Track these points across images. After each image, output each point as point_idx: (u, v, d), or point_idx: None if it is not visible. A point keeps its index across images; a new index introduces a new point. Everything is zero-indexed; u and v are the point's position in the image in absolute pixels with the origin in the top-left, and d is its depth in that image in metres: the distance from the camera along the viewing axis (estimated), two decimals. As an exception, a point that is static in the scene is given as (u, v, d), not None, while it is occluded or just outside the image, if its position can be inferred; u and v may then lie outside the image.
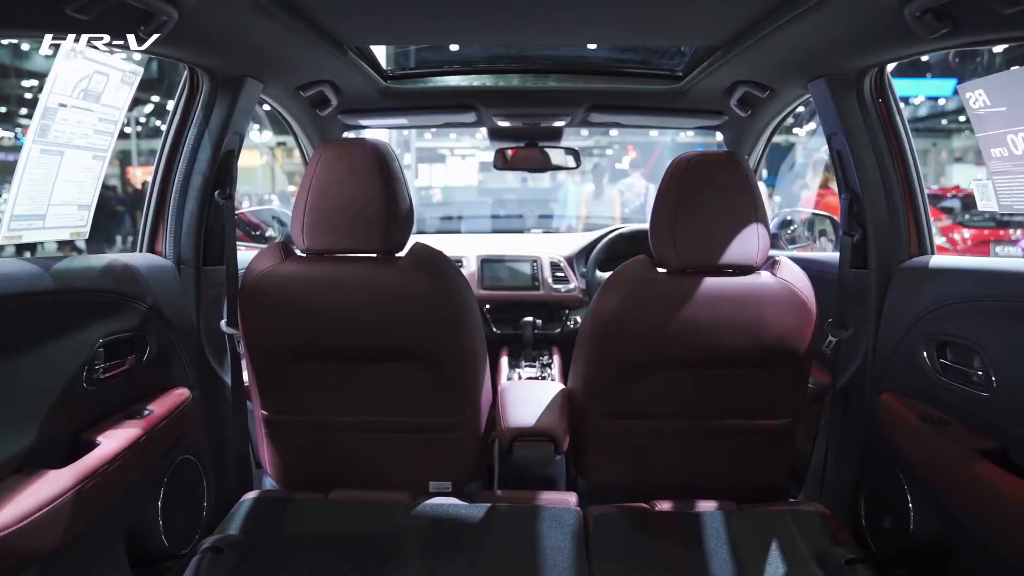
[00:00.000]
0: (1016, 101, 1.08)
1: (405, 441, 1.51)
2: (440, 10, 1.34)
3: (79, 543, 1.07)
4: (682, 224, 1.33)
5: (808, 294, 1.35)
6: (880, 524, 1.43)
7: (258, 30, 1.29)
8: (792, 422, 1.48)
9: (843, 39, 1.31)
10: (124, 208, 10.55)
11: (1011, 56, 6.74)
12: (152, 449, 1.28)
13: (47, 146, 1.07)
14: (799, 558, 1.26)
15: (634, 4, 1.27)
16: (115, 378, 1.25)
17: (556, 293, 2.46)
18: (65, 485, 1.03)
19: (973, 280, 1.26)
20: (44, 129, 1.05)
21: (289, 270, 1.34)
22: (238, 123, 1.51)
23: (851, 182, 1.51)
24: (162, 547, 1.33)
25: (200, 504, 1.50)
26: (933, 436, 1.25)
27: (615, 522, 1.38)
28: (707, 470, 1.53)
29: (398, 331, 1.38)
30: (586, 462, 1.59)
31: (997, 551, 1.09)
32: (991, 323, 1.19)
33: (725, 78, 1.75)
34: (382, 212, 1.31)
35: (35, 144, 1.05)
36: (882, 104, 1.47)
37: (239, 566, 1.23)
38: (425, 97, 1.97)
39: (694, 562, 1.27)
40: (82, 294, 1.19)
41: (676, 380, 1.43)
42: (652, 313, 1.36)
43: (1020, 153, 1.10)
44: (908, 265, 1.47)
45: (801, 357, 1.38)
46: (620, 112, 2.09)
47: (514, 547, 1.30)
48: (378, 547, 1.30)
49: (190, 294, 1.51)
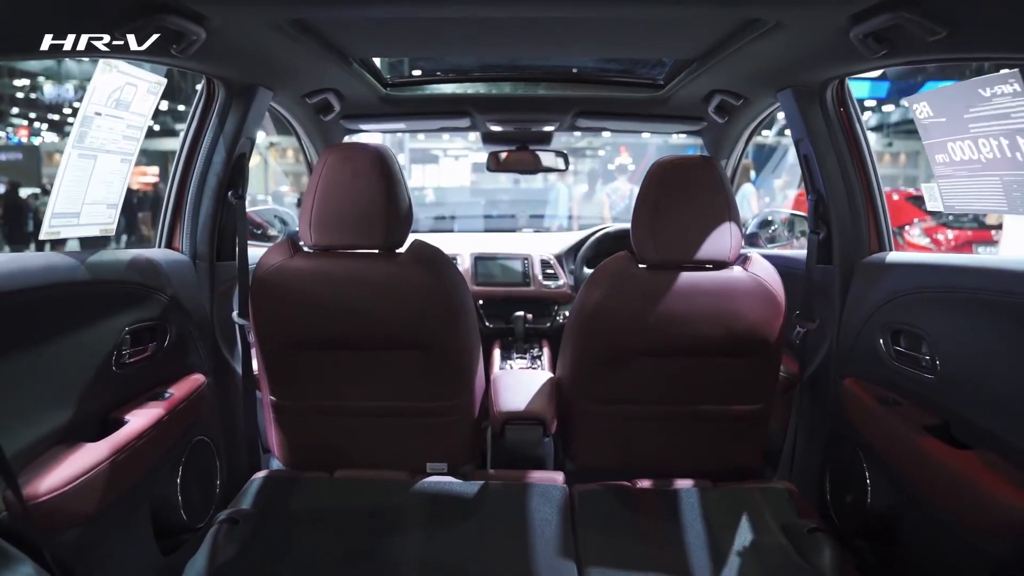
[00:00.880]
0: (954, 113, 1.20)
1: (404, 425, 1.60)
2: (438, 27, 1.44)
3: (111, 511, 1.18)
4: (660, 223, 1.43)
5: (777, 287, 1.46)
6: (843, 500, 1.54)
7: (273, 45, 1.40)
8: (764, 408, 1.59)
9: (803, 55, 1.44)
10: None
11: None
12: (172, 429, 1.38)
13: (84, 151, 1.18)
14: (766, 529, 1.38)
15: (617, 21, 1.39)
16: (139, 363, 1.36)
17: (546, 289, 2.56)
18: (101, 456, 1.13)
19: (921, 273, 1.38)
20: (82, 136, 1.16)
21: (297, 265, 1.44)
22: (250, 128, 1.62)
23: (817, 184, 1.64)
24: (180, 521, 1.42)
25: (213, 483, 1.60)
26: (886, 416, 1.36)
27: (599, 498, 1.49)
28: (686, 453, 1.63)
29: (398, 322, 1.48)
30: (573, 445, 1.70)
31: (940, 517, 1.20)
32: (936, 312, 1.31)
33: (703, 87, 1.86)
34: (383, 211, 1.41)
35: (74, 149, 1.16)
36: (843, 113, 1.59)
37: (253, 536, 1.33)
38: (422, 103, 2.08)
39: (671, 532, 1.38)
40: (112, 285, 1.30)
41: (656, 368, 1.53)
42: (633, 305, 1.47)
43: (959, 159, 1.23)
44: (868, 261, 1.58)
45: (771, 346, 1.49)
46: (606, 118, 2.20)
47: (506, 520, 1.40)
48: (380, 520, 1.40)
49: (205, 287, 1.62)
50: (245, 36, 1.31)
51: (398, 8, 1.22)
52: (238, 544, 1.31)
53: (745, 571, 1.28)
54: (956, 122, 1.20)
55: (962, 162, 1.22)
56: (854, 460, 1.49)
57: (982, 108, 1.12)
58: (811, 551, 1.30)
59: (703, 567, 1.29)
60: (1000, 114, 1.08)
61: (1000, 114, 1.08)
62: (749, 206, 6.30)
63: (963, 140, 1.19)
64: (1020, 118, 1.04)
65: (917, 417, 1.30)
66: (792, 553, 1.31)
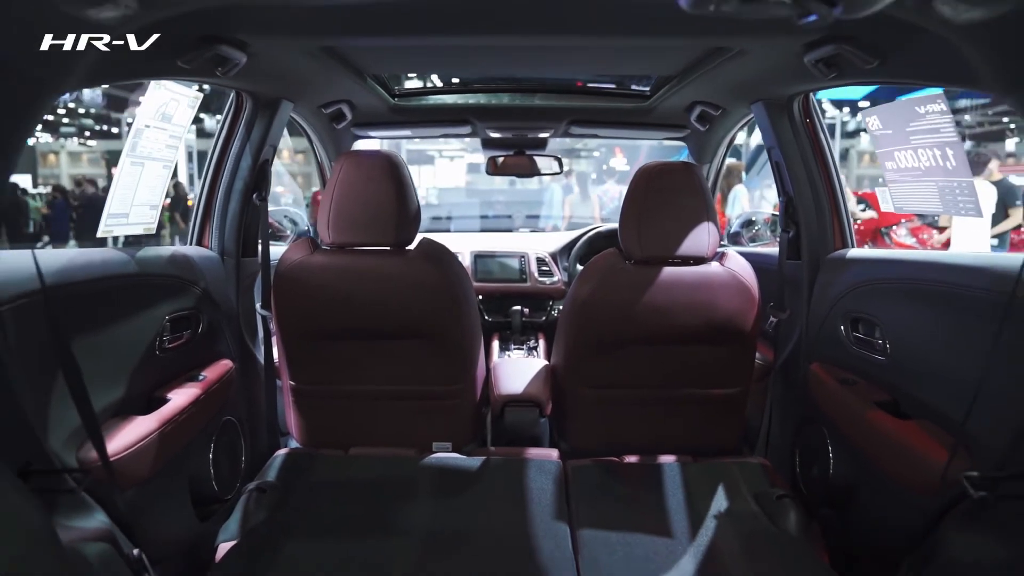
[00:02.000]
0: (898, 125, 1.38)
1: (412, 408, 1.75)
2: (444, 50, 1.61)
3: (159, 477, 1.33)
4: (646, 222, 1.58)
5: (751, 281, 1.61)
6: (810, 472, 1.70)
7: (299, 65, 1.56)
8: (742, 392, 1.74)
9: (768, 74, 1.60)
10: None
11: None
12: (206, 408, 1.53)
13: (135, 159, 1.34)
14: (740, 497, 1.54)
15: (602, 48, 1.55)
16: (177, 348, 1.51)
17: (541, 285, 2.71)
18: (150, 428, 1.29)
19: (874, 267, 1.55)
20: (134, 146, 1.32)
21: (317, 261, 1.59)
22: (274, 137, 1.78)
23: (787, 187, 1.80)
24: (212, 492, 1.57)
25: (239, 459, 1.75)
26: (844, 394, 1.52)
27: (590, 470, 1.64)
28: (669, 433, 1.77)
29: (407, 313, 1.62)
30: (566, 427, 1.84)
31: (887, 481, 1.35)
32: (887, 301, 1.48)
33: (684, 98, 2.03)
34: (394, 212, 1.55)
35: (127, 157, 1.32)
36: (808, 123, 1.76)
37: (279, 503, 1.49)
38: (427, 112, 2.23)
39: (654, 500, 1.54)
40: (156, 278, 1.45)
41: (642, 355, 1.68)
42: (620, 297, 1.61)
43: (904, 166, 1.40)
44: (831, 256, 1.75)
45: (747, 334, 1.64)
46: (597, 126, 2.37)
47: (505, 490, 1.55)
48: (391, 490, 1.55)
49: (231, 281, 1.77)
50: (277, 59, 1.47)
51: (411, 39, 1.38)
52: (266, 510, 1.47)
53: (720, 533, 1.44)
54: (900, 134, 1.37)
55: (906, 169, 1.39)
56: (819, 436, 1.64)
57: (919, 123, 1.29)
58: (779, 516, 1.46)
59: (682, 529, 1.44)
60: (932, 128, 1.25)
61: (932, 128, 1.25)
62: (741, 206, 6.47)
63: (906, 150, 1.36)
64: (948, 133, 1.21)
65: (870, 395, 1.46)
66: (762, 517, 1.47)
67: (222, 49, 1.19)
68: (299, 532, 1.41)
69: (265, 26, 1.24)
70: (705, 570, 1.33)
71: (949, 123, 1.22)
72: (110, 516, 1.10)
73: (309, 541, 1.39)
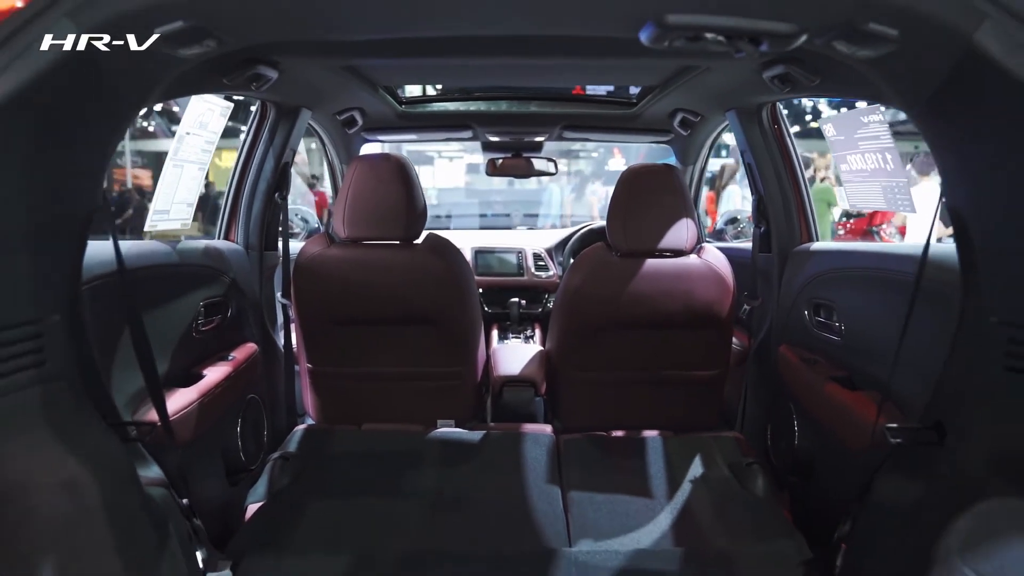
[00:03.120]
0: (848, 132, 1.56)
1: (419, 388, 1.92)
2: (449, 65, 1.79)
3: (199, 442, 1.50)
4: (630, 219, 1.74)
5: (726, 272, 1.78)
6: (779, 444, 1.87)
7: (319, 79, 1.74)
8: (719, 373, 1.91)
9: (736, 87, 1.79)
10: (113, 208, 10.94)
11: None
12: (235, 386, 1.70)
13: (176, 162, 1.52)
14: (715, 465, 1.72)
15: (590, 63, 1.73)
16: (210, 330, 1.68)
17: (537, 279, 2.88)
18: (192, 399, 1.46)
19: (831, 257, 1.73)
20: (176, 151, 1.50)
21: (333, 253, 1.76)
22: (294, 141, 1.96)
23: (758, 187, 1.98)
24: (240, 461, 1.74)
25: (262, 434, 1.92)
26: (806, 372, 1.69)
27: (580, 443, 1.82)
28: (654, 411, 1.94)
29: (415, 301, 1.78)
30: (559, 407, 2.02)
31: (839, 445, 1.51)
32: (842, 288, 1.66)
33: (667, 106, 2.21)
34: (404, 209, 1.72)
35: (170, 161, 1.50)
36: (776, 129, 1.94)
37: (302, 470, 1.67)
38: (432, 118, 2.41)
39: (637, 467, 1.72)
40: (194, 268, 1.63)
41: (628, 339, 1.84)
42: (608, 286, 1.77)
43: (855, 168, 1.58)
44: (798, 249, 1.92)
45: (723, 321, 1.80)
46: (588, 130, 2.55)
47: (504, 460, 1.73)
48: (401, 460, 1.73)
49: (255, 272, 1.95)
50: (302, 74, 1.66)
51: (422, 59, 1.57)
52: (290, 475, 1.65)
53: (695, 494, 1.62)
54: (850, 140, 1.55)
55: (857, 171, 1.57)
56: (787, 412, 1.80)
57: (864, 131, 1.48)
58: (748, 481, 1.65)
59: (661, 492, 1.63)
60: (874, 135, 1.43)
61: (874, 135, 1.43)
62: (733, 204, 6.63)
63: (856, 154, 1.54)
64: (886, 140, 1.40)
65: (827, 371, 1.63)
66: (733, 482, 1.66)
67: (260, 68, 1.37)
68: (320, 494, 1.59)
69: (298, 49, 1.42)
70: (680, 524, 1.51)
71: (886, 131, 1.40)
72: (164, 470, 1.28)
73: (329, 502, 1.57)
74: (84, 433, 0.95)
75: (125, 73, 0.84)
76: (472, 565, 1.36)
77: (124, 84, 0.87)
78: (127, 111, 0.96)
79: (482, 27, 0.99)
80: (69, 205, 0.91)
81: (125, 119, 0.96)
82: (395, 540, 1.44)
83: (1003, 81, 0.72)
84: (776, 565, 1.35)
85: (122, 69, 0.83)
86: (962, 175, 0.92)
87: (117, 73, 0.83)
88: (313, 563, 1.35)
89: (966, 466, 0.96)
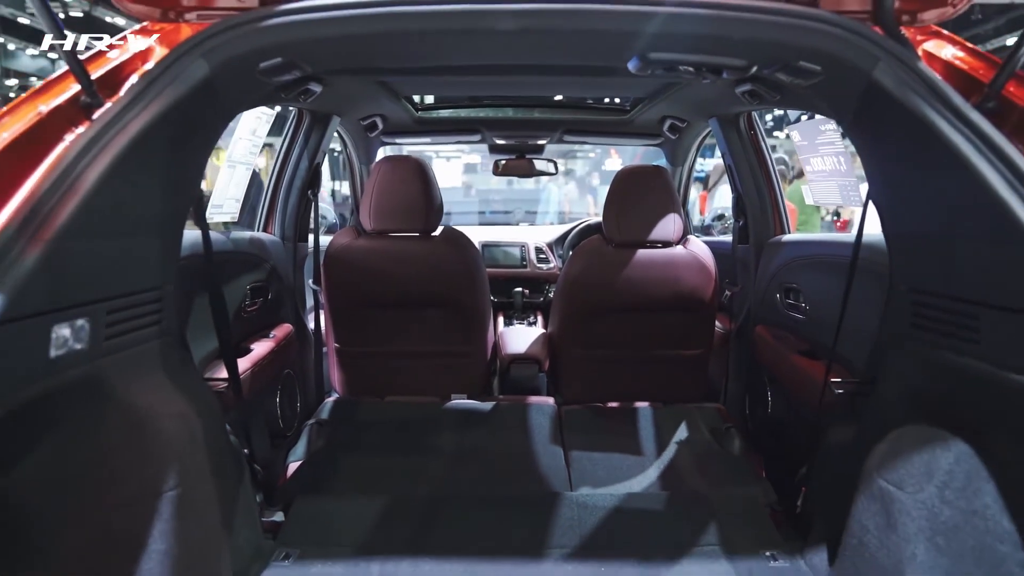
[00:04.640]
0: (811, 138, 1.80)
1: (435, 364, 2.15)
2: (464, 79, 2.03)
3: (249, 405, 1.73)
4: (623, 214, 1.96)
5: (709, 261, 2.00)
6: (755, 412, 2.11)
7: (352, 91, 1.98)
8: (704, 353, 2.14)
9: (715, 99, 2.03)
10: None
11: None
12: (276, 360, 1.93)
13: (230, 163, 1.76)
14: (698, 429, 1.96)
15: (586, 80, 1.97)
16: (254, 311, 1.91)
17: (539, 270, 3.11)
18: (245, 367, 1.69)
19: (798, 247, 1.96)
20: (231, 154, 1.74)
21: (361, 244, 1.99)
22: (325, 144, 2.20)
23: (737, 186, 2.22)
24: (278, 427, 1.98)
25: (295, 404, 2.15)
26: (775, 346, 1.92)
27: (580, 412, 2.06)
28: (645, 386, 2.17)
29: (433, 287, 2.01)
30: (560, 382, 2.25)
31: (802, 410, 1.74)
32: (806, 272, 1.89)
33: (657, 113, 2.45)
34: (423, 205, 1.95)
35: (226, 163, 1.73)
36: (752, 135, 2.18)
37: (335, 433, 1.90)
38: (445, 123, 2.65)
39: (629, 431, 1.96)
40: (242, 255, 1.86)
41: (621, 321, 2.06)
42: (603, 274, 2.00)
43: (817, 169, 1.83)
44: (772, 241, 2.15)
45: (706, 304, 2.03)
46: (586, 134, 2.80)
47: (512, 425, 1.96)
48: (421, 427, 1.95)
49: (290, 260, 2.18)
50: (339, 88, 1.90)
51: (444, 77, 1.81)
52: (325, 438, 1.89)
53: (679, 452, 1.85)
54: (812, 144, 1.80)
55: (819, 172, 1.81)
56: (761, 383, 2.03)
57: (823, 137, 1.72)
58: (726, 441, 1.89)
59: (650, 450, 1.86)
60: (830, 141, 1.68)
61: (830, 141, 1.68)
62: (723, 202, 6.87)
63: (817, 157, 1.79)
64: (839, 145, 1.64)
65: (795, 345, 1.85)
66: (713, 443, 1.90)
67: (311, 84, 1.61)
68: (353, 453, 1.82)
69: (344, 68, 1.66)
70: (666, 475, 1.75)
71: (840, 138, 1.65)
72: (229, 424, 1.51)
73: (361, 459, 1.80)
74: (187, 379, 1.19)
75: (231, 92, 1.09)
76: (488, 505, 1.59)
77: (229, 100, 1.11)
78: (226, 119, 1.21)
79: (502, 59, 1.23)
80: (182, 195, 1.15)
81: (224, 126, 1.21)
82: (420, 487, 1.66)
83: (897, 108, 0.97)
84: (746, 505, 1.59)
85: (230, 90, 1.07)
86: (878, 175, 1.16)
87: (226, 93, 1.07)
88: (353, 505, 1.58)
89: (887, 406, 1.20)
